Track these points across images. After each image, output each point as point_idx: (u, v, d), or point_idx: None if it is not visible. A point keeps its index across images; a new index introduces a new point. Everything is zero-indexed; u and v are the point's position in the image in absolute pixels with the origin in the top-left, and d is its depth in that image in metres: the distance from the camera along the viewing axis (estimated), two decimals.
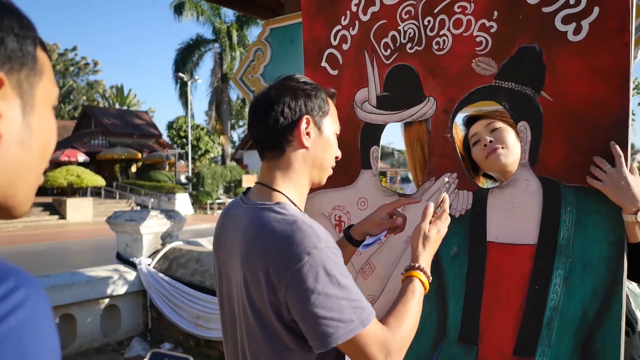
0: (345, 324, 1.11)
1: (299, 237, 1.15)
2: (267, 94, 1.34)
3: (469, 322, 1.72)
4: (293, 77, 1.38)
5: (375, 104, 1.93)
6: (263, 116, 1.32)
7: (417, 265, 1.38)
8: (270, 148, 1.35)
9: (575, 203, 1.55)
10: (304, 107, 1.33)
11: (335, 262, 1.16)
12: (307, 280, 1.11)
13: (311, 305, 1.11)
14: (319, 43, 2.07)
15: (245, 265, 1.24)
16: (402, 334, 1.21)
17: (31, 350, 0.51)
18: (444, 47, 1.78)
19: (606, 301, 1.49)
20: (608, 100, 1.50)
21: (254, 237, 1.23)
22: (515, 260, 1.64)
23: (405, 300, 1.30)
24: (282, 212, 1.24)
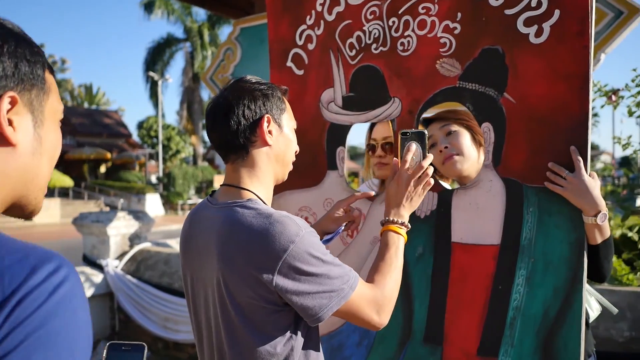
0: (337, 292, 1.21)
1: (279, 228, 1.19)
2: (225, 98, 1.34)
3: (434, 323, 1.73)
4: (246, 79, 1.39)
5: (341, 104, 1.93)
6: (224, 120, 1.33)
7: (388, 218, 1.47)
8: (234, 150, 1.35)
9: (538, 203, 1.56)
10: (264, 107, 1.35)
11: (317, 244, 1.24)
12: (296, 266, 1.18)
13: (304, 287, 1.19)
14: (285, 43, 2.05)
15: (222, 264, 1.25)
16: (388, 287, 1.34)
17: (75, 318, 0.65)
18: (408, 48, 1.78)
19: (567, 300, 1.51)
20: (568, 102, 1.52)
21: (230, 234, 1.25)
22: (479, 261, 1.65)
23: (384, 256, 1.40)
24: (255, 208, 1.27)
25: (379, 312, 1.30)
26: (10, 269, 0.62)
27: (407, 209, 1.48)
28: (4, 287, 0.61)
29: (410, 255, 1.78)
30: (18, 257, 0.64)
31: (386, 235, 1.45)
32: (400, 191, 1.48)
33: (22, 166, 0.76)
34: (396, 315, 1.78)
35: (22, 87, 0.74)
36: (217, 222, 1.31)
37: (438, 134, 1.82)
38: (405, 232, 1.47)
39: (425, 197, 1.76)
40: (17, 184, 0.76)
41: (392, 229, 1.45)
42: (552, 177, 1.52)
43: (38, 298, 0.61)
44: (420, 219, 1.77)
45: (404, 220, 1.47)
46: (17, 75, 0.74)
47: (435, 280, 1.73)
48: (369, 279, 1.35)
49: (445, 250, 1.71)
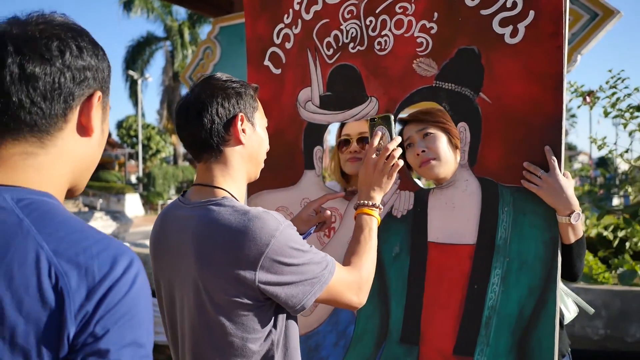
0: (318, 279, 1.24)
1: (258, 224, 1.19)
2: (197, 96, 1.32)
3: (410, 322, 1.73)
4: (217, 77, 1.37)
5: (319, 103, 1.92)
6: (197, 118, 1.30)
7: (360, 202, 1.53)
8: (207, 149, 1.33)
9: (513, 203, 1.57)
10: (237, 105, 1.33)
11: (295, 235, 1.26)
12: (279, 260, 1.19)
13: (287, 278, 1.21)
14: (262, 41, 2.04)
15: (200, 265, 1.24)
16: (365, 268, 1.40)
17: (149, 303, 0.81)
18: (385, 48, 1.77)
19: (542, 299, 1.52)
20: (543, 102, 1.53)
21: (207, 234, 1.24)
22: (455, 260, 1.65)
23: (359, 238, 1.46)
24: (231, 205, 1.26)
25: (358, 293, 1.35)
26: (98, 257, 0.74)
27: (378, 191, 1.54)
28: (94, 273, 0.73)
29: (387, 255, 1.77)
30: (102, 247, 0.75)
31: (360, 218, 1.50)
32: (369, 174, 1.54)
33: (89, 154, 0.91)
34: (373, 315, 1.78)
35: (104, 87, 0.91)
36: (191, 222, 1.28)
37: (415, 136, 1.81)
38: (377, 214, 1.52)
39: (402, 197, 1.76)
40: (81, 171, 0.91)
41: (364, 212, 1.51)
42: (527, 176, 1.53)
43: (124, 287, 0.75)
44: (397, 218, 1.77)
45: (376, 202, 1.52)
46: (102, 81, 0.90)
47: (412, 280, 1.73)
48: (345, 262, 1.40)
49: (422, 249, 1.71)
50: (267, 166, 2.04)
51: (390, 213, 1.78)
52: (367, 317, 1.80)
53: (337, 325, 1.88)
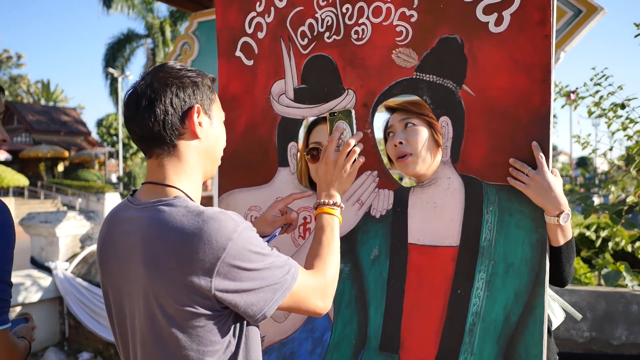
0: (280, 284, 1.15)
1: (213, 226, 1.09)
2: (150, 85, 1.20)
3: (390, 329, 1.62)
4: (171, 65, 1.26)
5: (293, 96, 1.80)
6: (149, 109, 1.18)
7: (319, 201, 1.46)
8: (159, 143, 1.22)
9: (498, 202, 1.48)
10: (193, 96, 1.23)
11: (255, 237, 1.16)
12: (237, 265, 1.09)
13: (247, 285, 1.11)
14: (233, 31, 1.92)
15: (150, 271, 1.13)
16: (329, 271, 1.32)
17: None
18: (363, 37, 1.67)
19: (529, 304, 1.43)
20: (529, 95, 1.44)
21: (158, 237, 1.13)
22: (437, 263, 1.56)
23: (321, 239, 1.38)
24: (184, 205, 1.15)
25: (323, 297, 1.28)
26: None
27: (338, 188, 1.47)
28: None
29: (365, 258, 1.67)
30: None
31: (320, 218, 1.43)
32: (329, 171, 1.47)
33: None
34: (351, 321, 1.68)
35: None
36: (140, 224, 1.17)
37: (397, 125, 1.72)
38: (339, 213, 1.45)
39: (381, 195, 1.66)
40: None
41: (325, 211, 1.43)
42: (514, 173, 1.43)
43: None
44: (376, 219, 1.66)
45: (336, 201, 1.45)
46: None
47: (391, 284, 1.63)
48: (308, 265, 1.33)
49: (402, 252, 1.61)
50: (239, 163, 1.94)
51: (369, 213, 1.68)
52: (344, 323, 1.70)
53: (313, 331, 1.77)
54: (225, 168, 1.95)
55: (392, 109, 1.77)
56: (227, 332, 1.16)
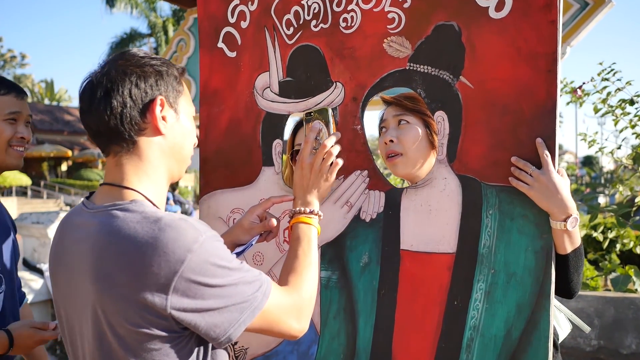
0: (249, 303, 1.01)
1: (171, 235, 0.96)
2: (106, 73, 1.06)
3: (380, 343, 1.49)
4: (133, 52, 1.12)
5: (278, 90, 1.67)
6: (104, 100, 1.05)
7: (295, 209, 1.32)
8: (116, 139, 1.08)
9: (498, 205, 1.34)
10: (156, 86, 1.09)
11: (220, 249, 1.02)
12: (197, 280, 0.96)
13: (209, 304, 0.97)
14: (215, 20, 1.79)
15: (98, 285, 0.99)
16: (305, 288, 1.17)
17: None
18: (352, 25, 1.53)
19: (533, 318, 1.29)
20: (534, 87, 1.30)
21: (107, 247, 1.00)
22: (432, 272, 1.42)
23: (296, 252, 1.23)
24: (140, 211, 1.02)
25: (299, 318, 1.12)
26: None
27: (315, 195, 1.32)
28: None
29: (354, 265, 1.54)
30: None
31: (296, 228, 1.29)
32: (305, 176, 1.32)
33: None
34: (338, 334, 1.55)
35: None
36: (91, 231, 1.04)
37: (390, 121, 1.59)
38: (317, 222, 1.30)
39: (372, 197, 1.53)
40: None
41: (301, 220, 1.28)
42: (516, 173, 1.30)
43: None
44: (366, 223, 1.53)
45: (314, 208, 1.30)
46: None
47: (382, 294, 1.49)
48: (282, 281, 1.18)
49: (394, 259, 1.48)
50: (221, 163, 1.81)
51: (358, 216, 1.54)
52: (332, 336, 1.57)
53: (299, 344, 1.63)
54: (207, 168, 1.82)
55: (387, 102, 1.64)
56: (187, 357, 1.03)
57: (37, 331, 1.61)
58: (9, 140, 1.68)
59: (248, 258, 1.73)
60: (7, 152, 1.69)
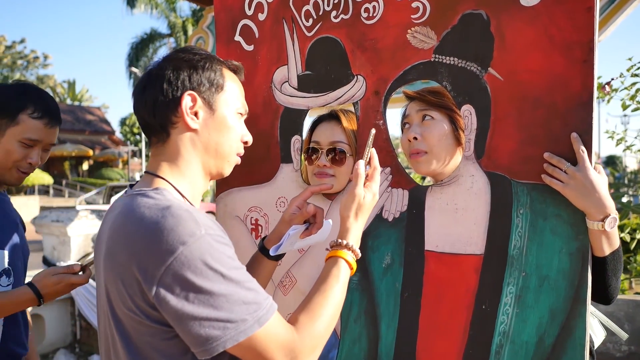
0: (236, 324, 0.92)
1: (170, 223, 0.94)
2: (149, 70, 1.13)
3: (404, 349, 1.42)
4: (187, 49, 1.15)
5: (296, 85, 1.61)
6: (141, 95, 1.11)
7: (345, 242, 1.15)
8: (153, 131, 1.13)
9: (530, 204, 1.26)
10: (188, 81, 1.10)
11: (220, 252, 0.95)
12: (184, 276, 0.91)
13: (191, 306, 0.91)
14: (232, 13, 1.74)
15: (107, 261, 1.02)
16: (314, 333, 1.02)
17: None
18: (374, 15, 1.47)
19: (567, 325, 1.21)
20: (568, 78, 1.22)
21: (119, 227, 1.02)
22: (459, 274, 1.35)
23: (325, 289, 1.08)
24: (156, 197, 1.02)
25: (291, 358, 0.97)
26: None
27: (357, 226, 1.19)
28: None
29: (377, 267, 1.47)
30: None
31: (335, 263, 1.13)
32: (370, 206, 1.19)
33: None
34: (359, 339, 1.48)
35: None
36: (115, 213, 1.07)
37: (414, 117, 1.51)
38: (355, 264, 1.16)
39: (394, 196, 1.46)
40: None
41: (342, 257, 1.14)
42: (549, 170, 1.22)
43: None
44: (388, 222, 1.46)
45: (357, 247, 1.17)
46: None
47: (406, 297, 1.42)
48: (292, 318, 1.03)
49: (418, 260, 1.41)
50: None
51: (380, 215, 1.47)
52: (352, 340, 1.50)
53: None
54: None
55: (410, 96, 1.56)
56: (181, 356, 0.99)
57: (64, 276, 1.57)
58: (16, 161, 1.62)
59: None
60: (10, 171, 1.63)
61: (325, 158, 1.59)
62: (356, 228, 1.17)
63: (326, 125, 1.63)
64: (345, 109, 1.65)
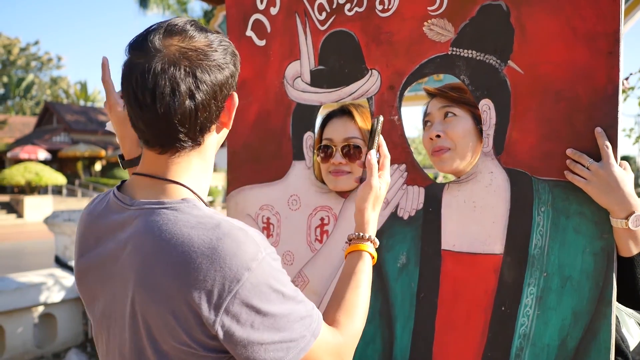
0: (297, 342, 0.89)
1: (232, 247, 0.85)
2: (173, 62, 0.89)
3: (420, 351, 1.38)
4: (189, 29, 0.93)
5: (309, 80, 1.58)
6: (171, 99, 0.88)
7: (367, 235, 1.15)
8: (177, 142, 0.94)
9: (552, 202, 1.22)
10: (231, 81, 0.97)
11: (278, 270, 0.91)
12: (251, 304, 0.85)
13: (257, 333, 0.86)
14: (243, 7, 1.70)
15: (142, 294, 0.88)
16: (355, 331, 1.03)
17: None
18: (389, 8, 1.43)
19: (591, 327, 1.16)
20: (592, 70, 1.18)
21: (157, 252, 0.87)
22: (477, 274, 1.30)
23: (356, 285, 1.08)
24: (194, 214, 0.90)
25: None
26: None
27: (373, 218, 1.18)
28: None
29: (392, 266, 1.43)
30: None
31: (361, 257, 1.12)
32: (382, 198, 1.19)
33: None
34: (374, 340, 1.44)
35: None
36: (133, 232, 0.92)
37: (435, 114, 1.46)
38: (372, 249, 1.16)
39: (410, 193, 1.42)
40: None
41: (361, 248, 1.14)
42: (572, 166, 1.17)
43: None
44: (404, 220, 1.42)
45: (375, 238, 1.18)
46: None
47: (422, 298, 1.38)
48: (330, 316, 1.02)
49: (434, 259, 1.37)
50: (249, 157, 1.72)
51: (395, 213, 1.43)
52: (366, 341, 1.46)
53: None
54: (234, 163, 1.74)
55: (431, 94, 1.52)
56: None
57: None
58: None
59: None
60: None
61: (340, 155, 1.55)
62: (374, 219, 1.17)
63: (338, 122, 1.59)
64: (356, 104, 1.61)
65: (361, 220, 1.16)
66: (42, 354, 4.84)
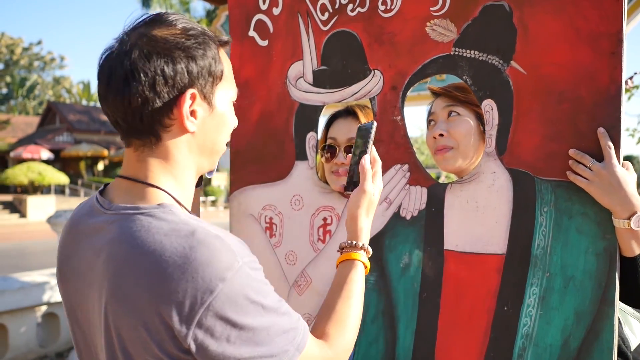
0: (278, 357, 0.84)
1: (205, 256, 0.80)
2: (128, 52, 0.87)
3: (422, 351, 1.38)
4: (165, 19, 0.91)
5: (312, 80, 1.58)
6: (123, 89, 0.87)
7: (360, 243, 1.10)
8: (137, 134, 0.92)
9: (554, 202, 1.22)
10: (187, 76, 0.89)
11: (257, 280, 0.85)
12: (226, 316, 0.80)
13: (232, 347, 0.80)
14: (246, 8, 1.71)
15: (115, 305, 0.84)
16: (345, 344, 0.98)
17: None
18: (391, 8, 1.43)
19: (594, 328, 1.16)
20: (595, 71, 1.18)
21: (128, 261, 0.84)
22: (479, 274, 1.31)
23: (348, 295, 1.03)
24: (168, 219, 0.86)
25: None
26: None
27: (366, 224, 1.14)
28: None
29: (394, 267, 1.43)
30: None
31: (353, 266, 1.08)
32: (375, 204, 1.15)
33: None
34: (376, 340, 1.44)
35: None
36: (109, 238, 0.89)
37: (439, 114, 1.47)
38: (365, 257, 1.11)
39: (412, 193, 1.42)
40: None
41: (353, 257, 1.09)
42: (574, 166, 1.17)
43: None
44: (406, 220, 1.42)
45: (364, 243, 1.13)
46: None
47: (424, 298, 1.38)
48: (319, 328, 0.98)
49: (437, 260, 1.37)
50: (252, 157, 1.72)
51: (398, 214, 1.44)
52: (369, 342, 1.46)
53: None
54: (237, 163, 1.74)
55: (436, 93, 1.52)
56: None
57: None
58: None
59: (280, 258, 1.64)
60: None
61: (344, 155, 1.55)
62: (367, 226, 1.13)
63: (343, 122, 1.60)
64: (361, 105, 1.62)
65: (354, 227, 1.11)
66: (45, 353, 4.85)
